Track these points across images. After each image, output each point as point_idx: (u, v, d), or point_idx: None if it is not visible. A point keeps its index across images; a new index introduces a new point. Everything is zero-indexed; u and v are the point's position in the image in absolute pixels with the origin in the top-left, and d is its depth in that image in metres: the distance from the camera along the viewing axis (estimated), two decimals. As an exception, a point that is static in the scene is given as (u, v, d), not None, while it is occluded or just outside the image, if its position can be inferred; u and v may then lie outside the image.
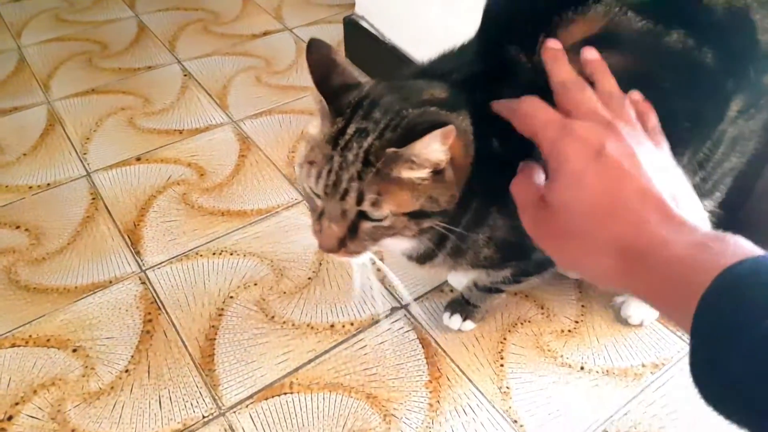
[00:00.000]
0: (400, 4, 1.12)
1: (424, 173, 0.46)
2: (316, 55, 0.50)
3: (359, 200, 0.46)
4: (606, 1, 0.46)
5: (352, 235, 0.49)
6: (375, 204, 0.46)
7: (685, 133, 0.51)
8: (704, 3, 0.47)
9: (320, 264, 0.89)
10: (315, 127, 0.51)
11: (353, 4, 1.25)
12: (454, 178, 0.48)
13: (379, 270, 0.87)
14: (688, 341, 0.31)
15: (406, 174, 0.46)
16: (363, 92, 0.49)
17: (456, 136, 0.44)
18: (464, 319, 0.77)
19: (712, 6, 0.47)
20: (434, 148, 0.44)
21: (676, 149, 0.49)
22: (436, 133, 0.43)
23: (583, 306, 0.83)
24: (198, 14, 1.50)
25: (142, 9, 1.53)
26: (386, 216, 0.47)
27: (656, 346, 0.78)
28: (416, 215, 0.48)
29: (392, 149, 0.44)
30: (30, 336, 0.81)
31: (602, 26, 0.46)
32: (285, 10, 1.52)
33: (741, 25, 0.48)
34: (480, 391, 0.73)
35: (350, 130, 0.47)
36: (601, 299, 0.83)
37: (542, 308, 0.83)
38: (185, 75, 1.29)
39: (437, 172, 0.47)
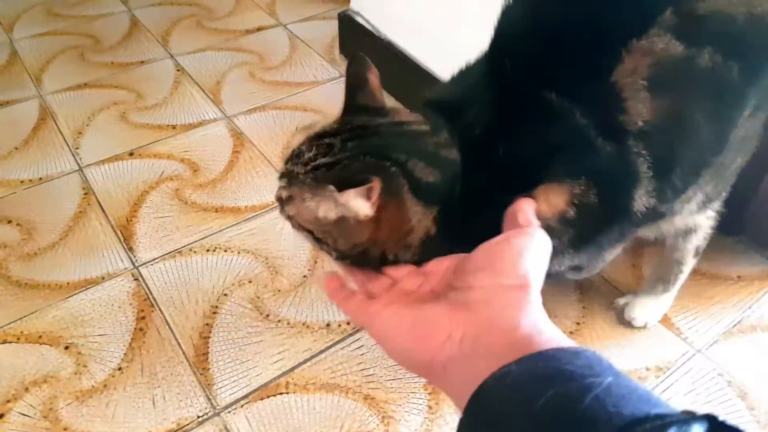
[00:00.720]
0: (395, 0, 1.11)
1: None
2: (354, 69, 0.51)
3: (282, 188, 0.49)
4: (655, 30, 0.45)
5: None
6: (286, 200, 0.48)
7: (709, 156, 0.52)
8: (727, 12, 0.47)
9: (315, 262, 0.88)
10: (321, 123, 0.52)
11: (348, 0, 1.24)
12: (369, 234, 0.45)
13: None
14: None
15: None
16: (364, 122, 0.49)
17: (384, 197, 0.43)
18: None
19: (734, 14, 0.47)
20: (355, 203, 0.43)
21: (700, 173, 0.51)
22: (356, 190, 0.42)
23: (584, 307, 0.82)
24: (191, 9, 1.49)
25: (135, 3, 1.51)
26: (291, 216, 0.49)
27: (660, 349, 0.77)
28: (313, 236, 0.48)
29: (328, 186, 0.43)
30: (21, 332, 0.80)
31: (655, 60, 0.45)
32: (279, 5, 1.51)
33: (761, 32, 0.48)
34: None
35: (328, 140, 0.47)
36: (602, 300, 0.83)
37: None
38: (178, 70, 1.28)
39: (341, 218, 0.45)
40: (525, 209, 0.41)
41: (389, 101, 0.58)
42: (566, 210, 0.48)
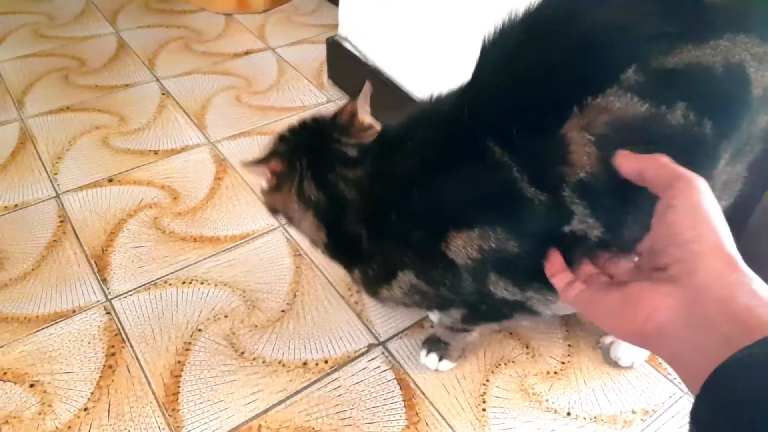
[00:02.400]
0: (383, 26, 1.10)
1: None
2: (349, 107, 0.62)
3: None
4: (615, 89, 0.44)
5: None
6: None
7: None
8: (703, 62, 0.45)
9: (294, 295, 0.85)
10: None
11: (336, 25, 1.23)
12: (269, 201, 0.65)
13: (356, 303, 0.84)
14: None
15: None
16: (322, 127, 0.63)
17: (278, 180, 0.61)
18: (440, 359, 0.74)
19: (710, 65, 0.45)
20: (259, 172, 0.62)
21: None
22: (262, 163, 0.61)
23: (569, 345, 0.80)
24: (180, 32, 1.48)
25: (123, 25, 1.50)
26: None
27: (647, 391, 0.75)
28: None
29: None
30: (-15, 369, 0.77)
31: (612, 118, 0.44)
32: (268, 29, 1.50)
33: (737, 82, 0.46)
34: (458, 436, 0.70)
35: (287, 133, 0.64)
36: (588, 338, 0.80)
37: (527, 347, 0.80)
38: (163, 94, 1.26)
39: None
40: (666, 161, 0.38)
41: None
42: (474, 257, 0.51)
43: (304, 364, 0.77)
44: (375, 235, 0.57)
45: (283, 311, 0.83)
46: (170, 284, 0.87)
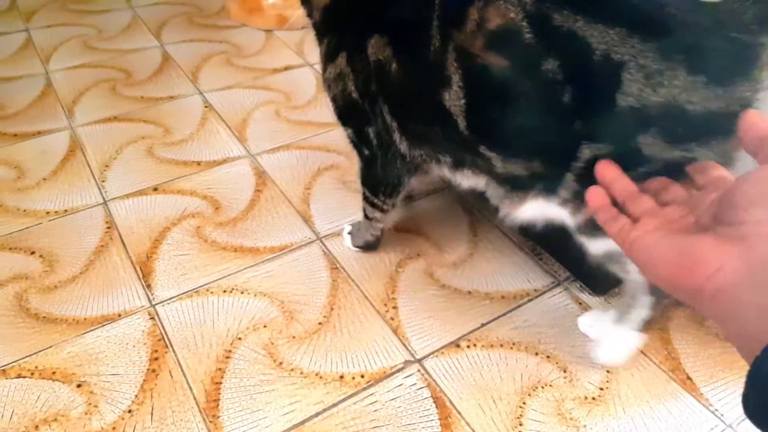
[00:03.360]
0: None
1: None
2: None
3: None
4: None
5: None
6: None
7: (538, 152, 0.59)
8: (588, 41, 0.48)
9: (331, 308, 0.87)
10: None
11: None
12: None
13: (392, 319, 0.86)
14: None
15: None
16: None
17: None
18: (351, 238, 0.96)
19: (593, 46, 0.48)
20: None
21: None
22: None
23: (608, 372, 0.79)
24: (221, 46, 1.53)
25: (168, 39, 1.56)
26: None
27: (687, 422, 0.74)
28: None
29: None
30: (36, 367, 0.80)
31: (504, 23, 0.52)
32: (307, 45, 1.54)
33: (608, 77, 0.48)
34: (491, 455, 0.71)
35: None
36: (628, 364, 0.80)
37: (565, 372, 0.80)
38: (206, 106, 1.31)
39: None
40: (760, 120, 0.38)
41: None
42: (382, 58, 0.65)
43: (341, 377, 0.78)
44: (332, 15, 0.74)
45: (320, 324, 0.85)
46: (212, 292, 0.90)
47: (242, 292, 0.90)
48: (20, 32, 1.58)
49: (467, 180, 0.71)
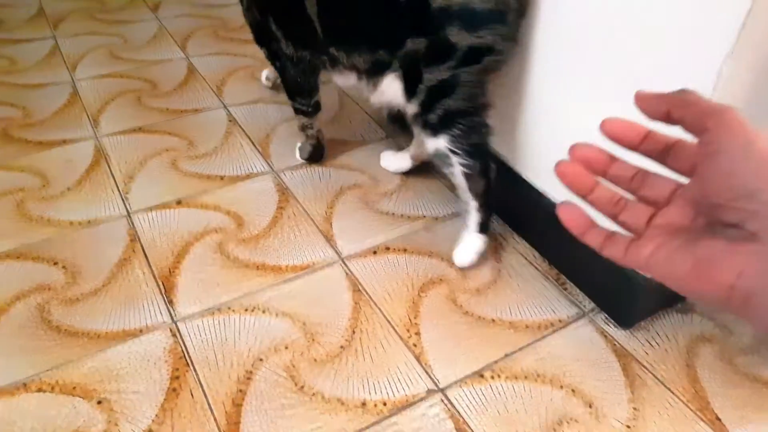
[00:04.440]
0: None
1: None
2: None
3: None
4: None
5: None
6: None
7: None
8: None
9: (353, 332, 0.87)
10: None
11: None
12: None
13: (415, 345, 0.85)
14: None
15: None
16: None
17: None
18: (299, 153, 1.20)
19: None
20: None
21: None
22: None
23: (635, 409, 0.78)
24: (246, 60, 1.54)
25: (193, 51, 1.57)
26: None
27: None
28: None
29: None
30: (56, 381, 0.80)
31: None
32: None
33: None
34: (514, 490, 0.69)
35: None
36: (655, 402, 0.79)
37: (590, 407, 0.78)
38: (230, 120, 1.31)
39: None
40: (693, 98, 0.32)
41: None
42: None
43: (363, 404, 0.78)
44: None
45: (342, 347, 0.85)
46: (233, 310, 0.90)
47: (264, 312, 0.90)
48: (47, 39, 1.60)
49: (341, 79, 0.96)
